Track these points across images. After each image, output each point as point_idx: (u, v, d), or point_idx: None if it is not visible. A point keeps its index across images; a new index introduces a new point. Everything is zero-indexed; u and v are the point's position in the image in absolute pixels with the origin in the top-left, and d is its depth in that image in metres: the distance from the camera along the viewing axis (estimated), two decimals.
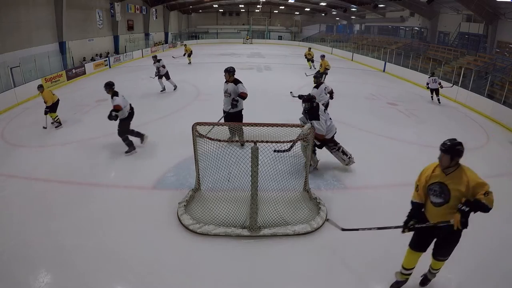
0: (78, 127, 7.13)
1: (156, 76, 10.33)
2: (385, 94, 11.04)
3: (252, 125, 4.23)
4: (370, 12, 25.68)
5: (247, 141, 3.47)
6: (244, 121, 5.67)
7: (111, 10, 20.13)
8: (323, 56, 12.42)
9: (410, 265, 2.86)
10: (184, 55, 17.21)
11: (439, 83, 10.08)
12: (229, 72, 5.53)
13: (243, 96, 5.46)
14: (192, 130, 3.76)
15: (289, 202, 3.90)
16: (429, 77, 10.41)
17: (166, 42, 29.66)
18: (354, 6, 25.14)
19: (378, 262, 3.23)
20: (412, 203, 2.79)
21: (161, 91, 10.44)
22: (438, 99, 10.22)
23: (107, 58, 17.10)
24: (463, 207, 2.36)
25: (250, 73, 14.98)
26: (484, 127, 8.08)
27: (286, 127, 4.07)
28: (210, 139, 3.47)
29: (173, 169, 4.98)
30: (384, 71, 16.91)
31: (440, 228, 2.54)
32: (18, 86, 9.70)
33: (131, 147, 5.57)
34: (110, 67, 16.82)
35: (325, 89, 6.45)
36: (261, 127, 3.99)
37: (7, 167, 5.13)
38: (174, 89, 10.66)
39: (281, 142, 3.95)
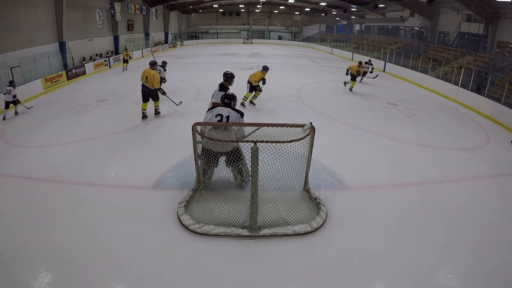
0: (78, 127, 7.13)
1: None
2: (385, 94, 11.04)
3: (252, 125, 4.23)
4: (370, 12, 25.68)
5: (247, 141, 3.47)
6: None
7: (111, 10, 20.13)
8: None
9: None
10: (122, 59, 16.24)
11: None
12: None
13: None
14: (192, 130, 3.76)
15: (289, 202, 3.90)
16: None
17: (166, 42, 29.67)
18: (354, 6, 25.14)
19: (378, 262, 3.23)
20: None
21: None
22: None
23: (107, 58, 17.09)
24: None
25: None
26: (484, 127, 8.08)
27: (286, 127, 4.06)
28: (210, 139, 3.47)
29: (173, 169, 4.98)
30: (384, 71, 16.91)
31: None
32: (18, 86, 9.68)
33: None
34: (110, 67, 16.82)
35: None
36: (261, 127, 3.99)
37: (7, 167, 5.13)
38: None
39: (281, 142, 3.96)
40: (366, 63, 13.17)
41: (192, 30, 38.69)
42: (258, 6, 36.62)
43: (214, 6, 35.64)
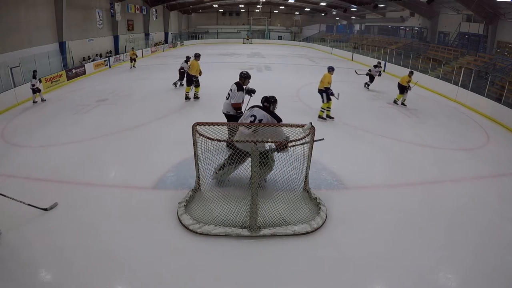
0: (78, 127, 7.13)
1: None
2: (385, 94, 11.03)
3: (252, 125, 4.23)
4: (370, 12, 25.69)
5: (247, 141, 3.47)
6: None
7: (111, 10, 20.13)
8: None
9: None
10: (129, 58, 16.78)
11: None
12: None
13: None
14: (192, 130, 3.76)
15: (289, 202, 3.90)
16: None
17: (166, 42, 29.66)
18: (354, 6, 25.14)
19: (378, 262, 3.23)
20: None
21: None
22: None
23: (107, 58, 17.09)
24: None
25: (250, 73, 14.97)
26: (484, 127, 8.08)
27: (286, 127, 4.07)
28: (210, 139, 3.47)
29: (173, 169, 4.98)
30: (384, 71, 16.90)
31: None
32: (18, 86, 9.69)
33: None
34: (110, 67, 16.82)
35: None
36: (261, 128, 3.99)
37: (7, 167, 5.13)
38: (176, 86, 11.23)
39: (281, 142, 3.96)
40: (375, 66, 11.92)
41: (192, 30, 38.69)
42: (258, 6, 36.62)
43: (214, 6, 35.64)
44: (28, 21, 12.84)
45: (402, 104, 9.43)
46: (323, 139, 4.13)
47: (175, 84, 11.33)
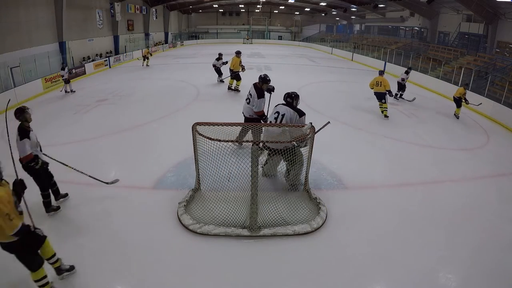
0: (78, 127, 7.13)
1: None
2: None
3: (252, 125, 4.23)
4: (370, 12, 25.69)
5: (247, 141, 3.47)
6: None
7: (111, 10, 20.12)
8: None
9: None
10: (143, 56, 17.16)
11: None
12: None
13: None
14: (192, 130, 3.76)
15: (289, 202, 3.90)
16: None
17: (166, 42, 29.66)
18: (354, 6, 25.14)
19: (378, 262, 3.24)
20: None
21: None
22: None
23: (107, 58, 17.09)
24: None
25: (250, 73, 14.96)
26: (484, 127, 8.08)
27: (286, 127, 4.07)
28: (210, 139, 3.47)
29: (173, 169, 4.98)
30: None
31: None
32: (18, 86, 9.69)
33: None
34: (110, 67, 16.82)
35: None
36: (261, 128, 4.00)
37: (7, 167, 5.11)
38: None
39: (281, 142, 3.96)
40: (406, 72, 10.37)
41: (192, 30, 38.68)
42: (258, 6, 36.62)
43: (214, 6, 35.63)
44: (28, 21, 12.83)
45: (455, 115, 8.62)
46: (328, 122, 4.25)
47: (221, 80, 11.65)
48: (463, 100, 8.44)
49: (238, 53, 10.25)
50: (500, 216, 4.12)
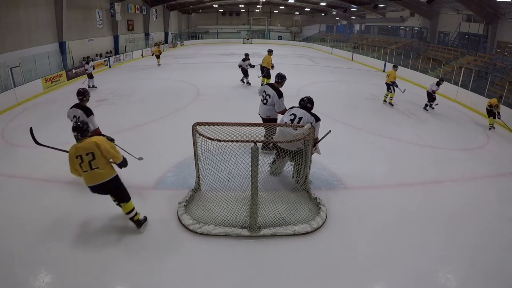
0: None
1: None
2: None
3: (252, 125, 4.23)
4: (370, 12, 25.69)
5: (247, 141, 3.47)
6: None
7: (111, 10, 20.12)
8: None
9: None
10: (152, 55, 17.22)
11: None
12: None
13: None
14: (192, 130, 3.76)
15: (289, 202, 3.90)
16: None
17: (166, 42, 29.66)
18: (354, 6, 25.14)
19: (378, 262, 3.24)
20: None
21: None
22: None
23: (107, 58, 17.09)
24: None
25: (250, 73, 14.96)
26: (484, 127, 8.08)
27: (286, 127, 4.07)
28: (210, 139, 3.47)
29: (173, 169, 4.98)
30: (384, 71, 16.92)
31: None
32: (18, 86, 9.69)
33: None
34: (110, 67, 16.82)
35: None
36: (261, 127, 4.00)
37: (7, 167, 5.13)
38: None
39: (281, 142, 3.96)
40: (438, 84, 9.09)
41: (192, 30, 38.67)
42: (258, 6, 36.61)
43: (214, 6, 35.63)
44: (28, 21, 12.83)
45: (491, 126, 8.03)
46: (330, 131, 4.25)
47: (242, 81, 11.60)
48: (496, 113, 7.94)
49: (270, 52, 10.39)
50: (499, 216, 4.12)
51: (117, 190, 3.40)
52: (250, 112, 6.09)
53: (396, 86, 9.34)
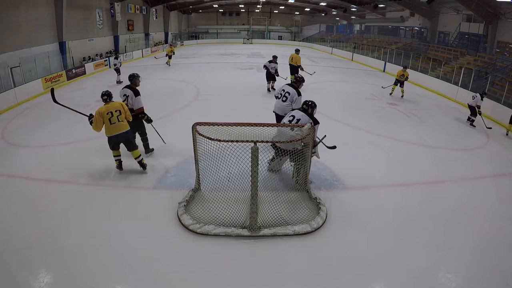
0: (78, 127, 7.12)
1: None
2: (385, 94, 11.03)
3: (252, 125, 4.22)
4: (370, 12, 25.68)
5: (247, 141, 3.47)
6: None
7: (111, 10, 20.13)
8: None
9: None
10: (166, 55, 16.97)
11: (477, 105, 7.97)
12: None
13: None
14: (192, 130, 3.76)
15: (289, 202, 3.91)
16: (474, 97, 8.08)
17: (166, 42, 29.66)
18: (354, 6, 25.14)
19: (378, 262, 3.24)
20: None
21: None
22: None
23: (107, 58, 17.08)
24: None
25: (250, 73, 14.98)
26: (484, 127, 8.07)
27: (286, 127, 4.07)
28: (210, 139, 3.47)
29: (173, 169, 4.98)
30: (384, 71, 16.92)
31: None
32: (18, 86, 9.69)
33: None
34: (110, 67, 16.80)
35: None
36: (261, 127, 3.99)
37: (7, 167, 5.13)
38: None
39: (281, 142, 3.96)
40: (481, 96, 7.96)
41: (192, 30, 38.68)
42: (258, 6, 36.61)
43: (214, 6, 35.63)
44: (28, 21, 12.83)
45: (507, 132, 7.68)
46: (325, 135, 4.29)
47: (272, 87, 10.63)
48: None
49: (297, 51, 11.47)
50: (500, 216, 4.12)
51: (130, 140, 4.72)
52: (250, 112, 6.09)
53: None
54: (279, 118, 5.52)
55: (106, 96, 4.64)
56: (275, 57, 10.54)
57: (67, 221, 3.73)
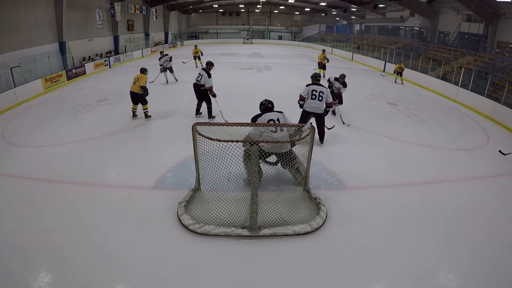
0: (78, 127, 7.13)
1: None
2: (385, 94, 11.04)
3: (252, 125, 4.23)
4: (370, 12, 25.68)
5: (247, 141, 3.47)
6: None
7: (111, 10, 20.13)
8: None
9: None
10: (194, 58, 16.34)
11: None
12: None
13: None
14: (192, 130, 3.76)
15: (289, 202, 3.90)
16: None
17: (166, 42, 29.66)
18: (354, 6, 25.14)
19: (378, 262, 3.23)
20: None
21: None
22: None
23: (107, 58, 17.09)
24: None
25: (250, 73, 14.99)
26: (484, 127, 8.08)
27: (286, 127, 4.08)
28: (210, 139, 3.47)
29: (173, 169, 4.98)
30: (384, 71, 16.91)
31: None
32: (18, 86, 9.68)
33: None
34: (110, 67, 16.82)
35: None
36: (261, 127, 4.00)
37: (7, 167, 5.13)
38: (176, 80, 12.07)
39: (281, 142, 3.96)
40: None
41: (192, 30, 38.68)
42: (258, 6, 36.61)
43: (214, 6, 35.64)
44: (28, 21, 12.83)
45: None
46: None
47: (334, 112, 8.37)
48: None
49: (323, 51, 14.14)
50: (500, 216, 4.12)
51: (135, 97, 7.15)
52: (250, 112, 6.08)
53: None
54: (318, 116, 5.97)
55: (141, 71, 7.31)
56: (342, 76, 8.19)
57: (67, 221, 3.73)
